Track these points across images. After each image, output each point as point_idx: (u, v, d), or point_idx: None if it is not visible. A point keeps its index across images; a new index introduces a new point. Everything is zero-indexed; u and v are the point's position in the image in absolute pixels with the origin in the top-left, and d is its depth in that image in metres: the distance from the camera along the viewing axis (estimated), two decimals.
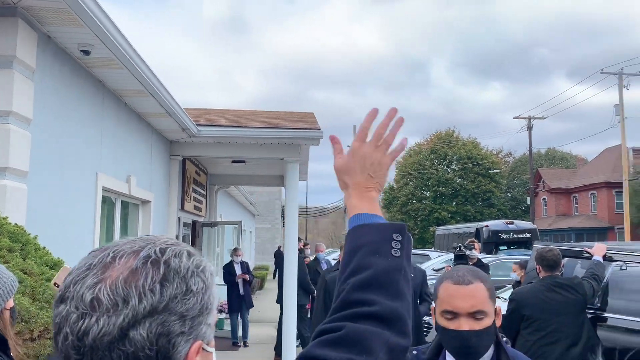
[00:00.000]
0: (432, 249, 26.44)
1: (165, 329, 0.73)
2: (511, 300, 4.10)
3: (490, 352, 1.53)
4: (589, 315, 4.26)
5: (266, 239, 31.30)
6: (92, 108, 5.29)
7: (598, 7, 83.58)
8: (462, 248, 7.42)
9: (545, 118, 32.76)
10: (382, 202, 52.89)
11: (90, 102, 5.24)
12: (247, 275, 9.40)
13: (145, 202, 7.10)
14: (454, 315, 1.49)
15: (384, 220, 0.98)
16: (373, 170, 1.02)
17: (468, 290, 1.49)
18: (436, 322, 1.56)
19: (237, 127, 7.55)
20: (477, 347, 1.48)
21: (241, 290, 9.40)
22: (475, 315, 1.47)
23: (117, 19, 4.34)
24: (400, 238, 0.94)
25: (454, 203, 45.55)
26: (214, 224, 10.93)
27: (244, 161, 8.77)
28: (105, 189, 5.64)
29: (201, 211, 10.31)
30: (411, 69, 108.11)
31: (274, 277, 24.29)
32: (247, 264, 9.80)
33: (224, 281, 9.72)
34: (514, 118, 33.40)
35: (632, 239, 27.65)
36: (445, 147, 46.49)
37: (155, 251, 0.77)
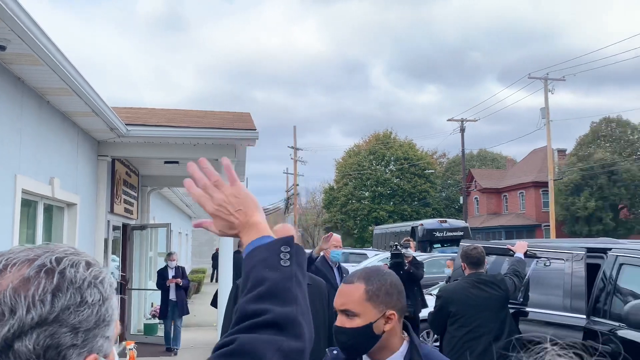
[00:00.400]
0: (371, 247, 26.87)
1: (54, 341, 0.70)
2: (438, 297, 4.22)
3: (404, 349, 1.55)
4: (512, 310, 4.45)
5: (204, 241, 30.74)
6: (10, 106, 4.99)
7: (527, 13, 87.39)
8: (398, 246, 7.58)
9: (477, 120, 34.04)
10: (322, 202, 53.21)
11: (8, 100, 4.94)
12: (179, 280, 9.07)
13: (70, 205, 6.79)
14: (335, 311, 1.59)
15: (272, 238, 1.02)
16: (234, 206, 1.04)
17: (345, 289, 1.57)
18: None
19: (169, 126, 7.36)
20: (346, 344, 1.54)
21: (172, 296, 9.05)
22: (345, 313, 1.54)
23: (37, 13, 4.13)
24: (288, 249, 0.98)
25: (392, 203, 46.52)
26: (142, 227, 10.58)
27: (177, 162, 8.56)
28: (25, 192, 5.34)
29: (132, 214, 9.98)
30: (350, 70, 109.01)
31: (211, 280, 23.91)
32: (183, 268, 9.48)
33: (157, 286, 9.40)
34: (447, 120, 34.55)
35: (557, 236, 29.22)
36: (383, 148, 47.41)
37: (51, 260, 0.75)
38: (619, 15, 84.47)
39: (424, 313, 7.16)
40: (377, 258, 16.28)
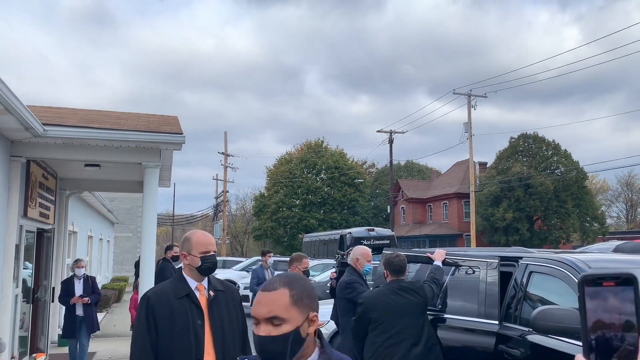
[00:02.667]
0: None
1: None
2: (360, 304, 4.28)
3: (315, 356, 1.55)
4: (430, 317, 4.59)
5: (126, 248, 29.58)
6: None
7: (456, 29, 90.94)
8: (344, 256, 7.83)
9: (404, 132, 35.10)
10: (253, 209, 52.75)
11: None
12: (86, 299, 8.02)
13: None
14: (257, 320, 1.52)
15: None
16: None
17: (269, 296, 1.51)
18: None
19: (90, 127, 7.04)
20: (274, 353, 1.49)
21: (79, 311, 8.04)
22: (272, 321, 1.49)
23: None
24: None
25: (322, 211, 46.91)
26: (41, 232, 9.92)
27: (98, 165, 8.21)
28: None
29: (49, 218, 9.44)
30: (285, 76, 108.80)
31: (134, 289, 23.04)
32: (93, 279, 8.41)
33: (60, 301, 8.34)
34: (377, 131, 35.31)
35: (477, 245, 30.56)
36: (314, 157, 47.79)
37: None
38: (541, 35, 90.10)
39: None
40: None
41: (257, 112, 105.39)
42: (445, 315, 4.76)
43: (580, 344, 2.54)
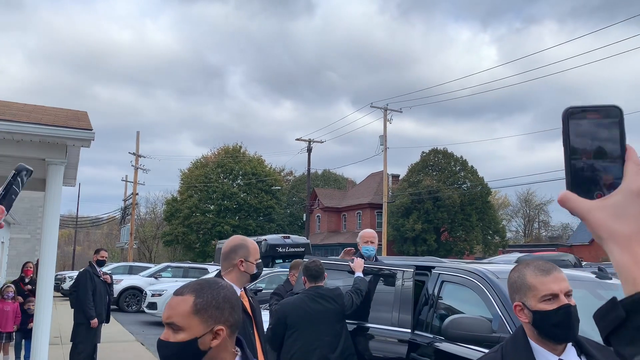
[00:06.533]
0: (212, 262, 26.31)
1: None
2: (276, 311, 4.21)
3: None
4: (353, 326, 4.59)
5: (23, 251, 27.49)
6: None
7: (382, 40, 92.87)
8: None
9: (323, 142, 35.56)
10: (164, 214, 50.96)
11: None
12: None
13: None
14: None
15: None
16: None
17: (173, 301, 1.48)
18: None
19: None
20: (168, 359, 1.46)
21: None
22: (171, 326, 1.45)
23: None
24: None
25: (237, 217, 46.29)
26: None
27: None
28: None
29: None
30: (207, 75, 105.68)
31: None
32: None
33: None
34: (295, 139, 35.46)
35: (387, 254, 31.47)
36: (232, 162, 47.12)
37: None
38: (462, 52, 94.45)
39: None
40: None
41: (175, 111, 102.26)
42: (362, 324, 4.78)
43: (487, 350, 2.57)
